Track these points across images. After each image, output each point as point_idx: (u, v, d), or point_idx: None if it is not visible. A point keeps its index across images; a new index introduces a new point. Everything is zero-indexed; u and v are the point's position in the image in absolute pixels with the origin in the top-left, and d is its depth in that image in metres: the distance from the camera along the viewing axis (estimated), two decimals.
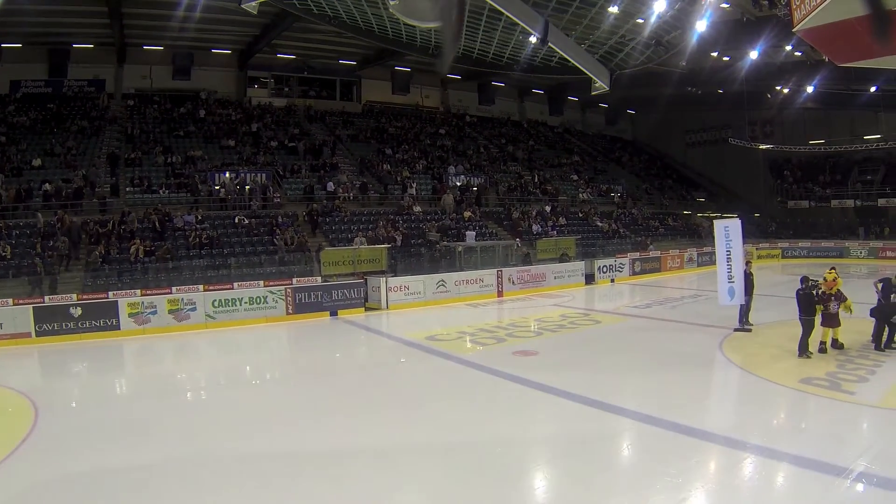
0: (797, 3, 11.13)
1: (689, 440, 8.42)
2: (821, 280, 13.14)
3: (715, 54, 33.35)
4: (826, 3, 9.83)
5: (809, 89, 37.43)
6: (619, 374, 12.33)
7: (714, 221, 17.48)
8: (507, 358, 13.69)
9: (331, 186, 29.90)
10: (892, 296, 12.98)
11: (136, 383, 13.54)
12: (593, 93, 29.78)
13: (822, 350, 12.79)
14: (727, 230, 16.27)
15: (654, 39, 27.07)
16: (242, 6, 22.51)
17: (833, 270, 13.30)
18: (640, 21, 25.73)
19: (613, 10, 24.57)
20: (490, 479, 7.35)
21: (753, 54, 29.97)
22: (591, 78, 27.61)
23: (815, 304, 12.75)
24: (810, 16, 10.47)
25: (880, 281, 13.52)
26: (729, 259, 16.06)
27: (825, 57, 18.50)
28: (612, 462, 8.12)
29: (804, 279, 13.12)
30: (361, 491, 7.06)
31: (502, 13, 24.33)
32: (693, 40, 25.58)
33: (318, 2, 28.14)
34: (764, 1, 22.51)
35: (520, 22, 23.08)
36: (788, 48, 30.62)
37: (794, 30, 11.60)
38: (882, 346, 12.95)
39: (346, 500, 6.89)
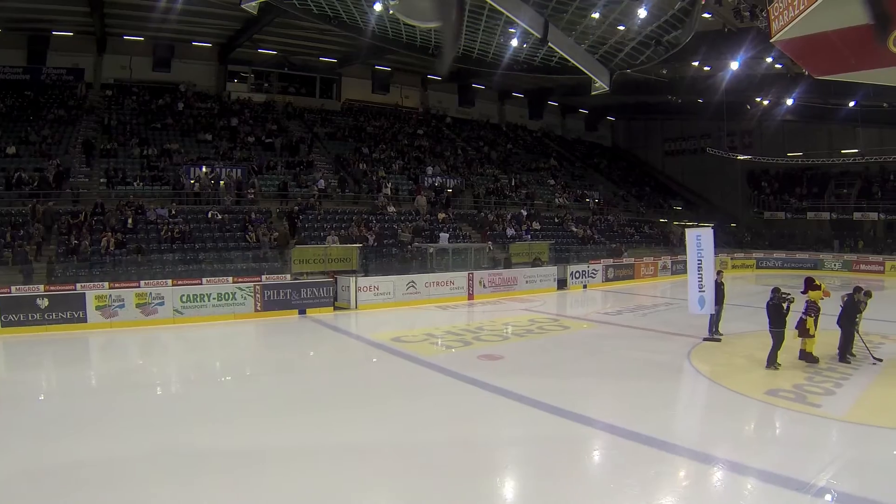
0: (775, 14, 11.32)
1: (648, 450, 8.37)
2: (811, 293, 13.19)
3: (696, 63, 33.72)
4: (804, 14, 10.04)
5: (789, 102, 37.93)
6: (582, 381, 12.35)
7: (686, 230, 17.34)
8: (472, 361, 13.70)
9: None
10: (858, 315, 13.30)
11: (98, 377, 13.67)
12: (593, 93, 30.14)
13: (813, 360, 12.90)
14: (699, 239, 16.22)
15: (654, 39, 27.17)
16: (242, 6, 22.46)
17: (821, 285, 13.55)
18: (640, 21, 25.73)
19: (612, 11, 24.65)
20: (440, 482, 7.36)
21: (734, 65, 30.33)
22: (590, 79, 27.90)
23: (784, 315, 12.71)
24: (788, 27, 10.67)
25: (846, 295, 13.69)
26: (700, 268, 16.02)
27: (805, 70, 18.82)
28: (567, 470, 7.95)
29: (775, 290, 13.13)
30: (311, 486, 7.20)
31: (501, 13, 24.57)
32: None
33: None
34: (745, 12, 22.71)
35: (519, 22, 23.20)
36: (769, 60, 31.05)
37: (772, 40, 11.82)
38: (841, 357, 13.23)
39: (296, 495, 7.00)
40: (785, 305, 12.85)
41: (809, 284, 13.41)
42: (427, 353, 14.66)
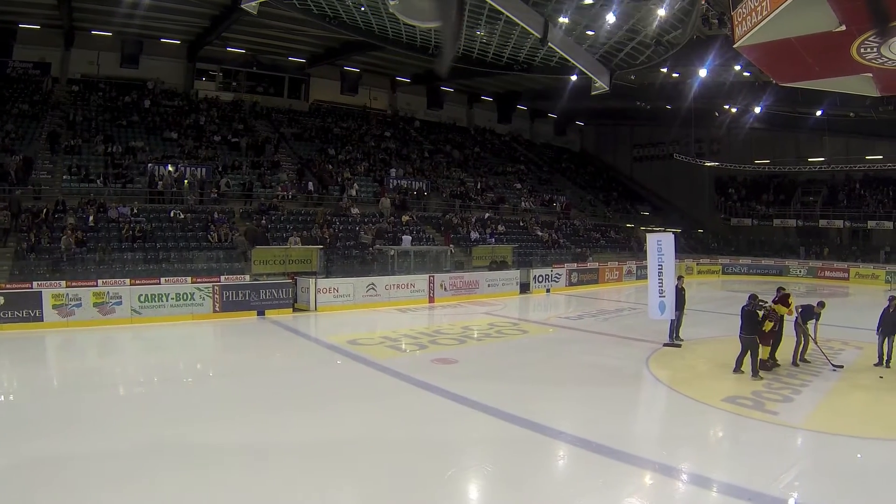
0: (739, 20, 11.54)
1: (599, 458, 8.31)
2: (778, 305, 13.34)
3: (665, 70, 34.05)
4: (766, 21, 10.20)
5: (757, 110, 38.36)
6: (534, 387, 12.22)
7: (647, 235, 17.38)
8: (425, 365, 13.70)
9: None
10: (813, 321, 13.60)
11: (52, 377, 13.70)
12: (593, 93, 30.03)
13: (769, 367, 12.99)
14: (660, 244, 16.22)
15: (655, 39, 27.14)
16: (242, 6, 22.31)
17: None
18: (639, 21, 25.72)
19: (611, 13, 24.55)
20: (380, 489, 7.33)
21: (702, 72, 30.45)
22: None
23: (758, 323, 12.59)
24: (751, 33, 10.76)
25: (800, 306, 13.82)
26: (660, 273, 16.02)
27: (770, 77, 19.05)
28: (509, 478, 7.77)
29: (752, 297, 12.97)
30: (249, 486, 7.27)
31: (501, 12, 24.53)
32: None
33: None
34: (714, 19, 22.75)
35: (519, 22, 23.17)
36: (737, 68, 31.15)
37: (735, 45, 12.02)
38: (793, 361, 13.48)
39: (240, 494, 7.10)
40: (760, 314, 12.78)
41: (783, 299, 13.61)
42: (381, 357, 14.56)
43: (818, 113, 38.71)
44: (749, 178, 49.89)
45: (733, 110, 40.64)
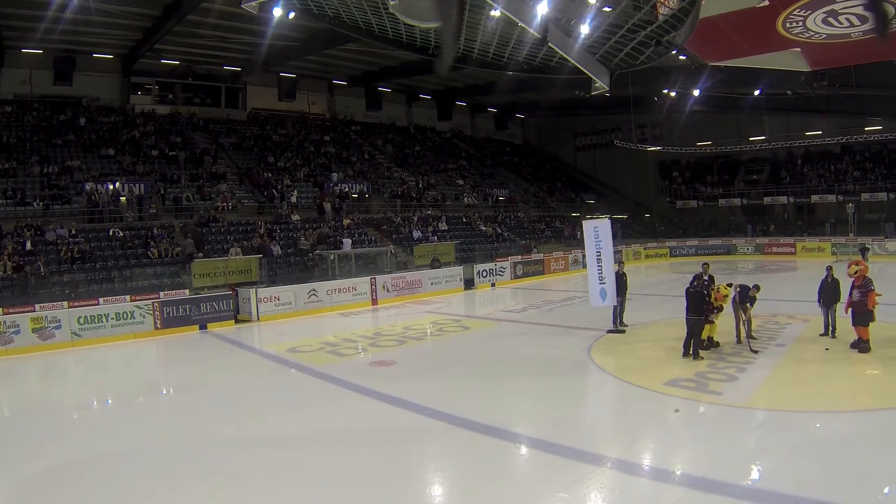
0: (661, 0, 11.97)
1: (530, 451, 8.36)
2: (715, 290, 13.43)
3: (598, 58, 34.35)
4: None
5: (696, 93, 38.75)
6: (470, 383, 12.29)
7: (583, 222, 17.31)
8: (363, 369, 13.86)
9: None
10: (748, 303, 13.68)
11: None
12: (593, 93, 30.15)
13: (706, 346, 13.08)
14: (597, 231, 16.25)
15: (654, 39, 27.09)
16: (242, 6, 22.06)
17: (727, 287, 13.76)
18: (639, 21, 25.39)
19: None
20: (308, 498, 7.39)
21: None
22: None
23: (704, 304, 12.63)
24: (672, 13, 11.32)
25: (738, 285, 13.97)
26: (599, 260, 16.07)
27: (700, 57, 19.42)
28: (442, 475, 7.93)
29: (696, 277, 13.09)
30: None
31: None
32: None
33: None
34: (643, 4, 23.04)
35: (519, 22, 23.09)
36: (673, 52, 31.29)
37: (655, 25, 12.36)
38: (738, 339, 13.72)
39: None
40: (707, 293, 12.85)
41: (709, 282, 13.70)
42: (319, 363, 14.63)
43: (756, 92, 39.66)
44: (693, 161, 51.21)
45: (672, 94, 40.99)
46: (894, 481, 6.98)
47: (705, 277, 13.95)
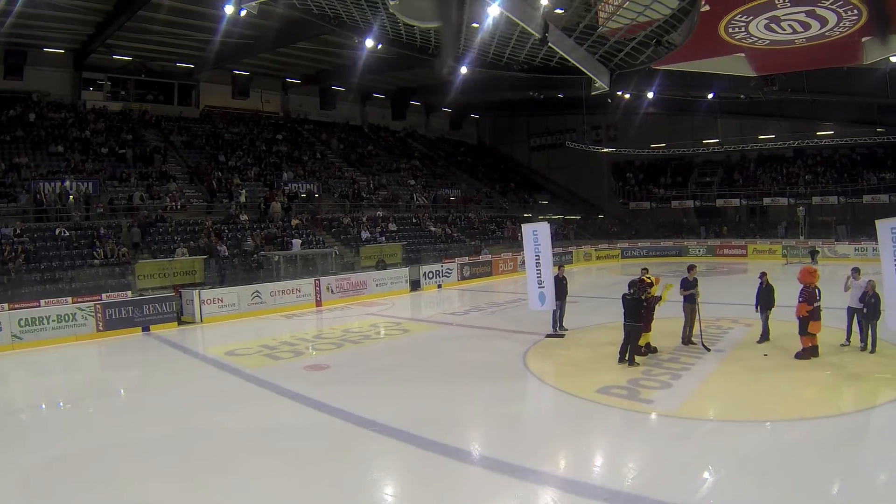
0: (602, 4, 12.32)
1: (445, 461, 8.21)
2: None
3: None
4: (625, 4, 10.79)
5: (650, 95, 39.22)
6: (399, 388, 12.30)
7: (522, 226, 17.27)
8: (296, 373, 13.80)
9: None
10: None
11: None
12: (592, 93, 30.26)
13: (644, 353, 13.04)
14: (535, 234, 16.21)
15: (654, 39, 27.22)
16: (243, 5, 22.08)
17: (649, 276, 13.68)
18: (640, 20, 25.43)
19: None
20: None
21: None
22: (583, 78, 27.75)
23: (641, 310, 12.56)
24: (612, 17, 11.64)
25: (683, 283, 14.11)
26: (538, 263, 16.02)
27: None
28: (354, 482, 7.83)
29: (632, 284, 12.90)
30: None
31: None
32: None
33: None
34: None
35: (520, 22, 23.29)
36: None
37: (598, 30, 12.60)
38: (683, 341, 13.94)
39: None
40: (644, 298, 12.77)
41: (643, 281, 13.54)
42: (253, 367, 14.60)
43: (710, 96, 40.61)
44: (646, 162, 52.27)
45: (626, 96, 41.28)
46: (811, 492, 7.03)
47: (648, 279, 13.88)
